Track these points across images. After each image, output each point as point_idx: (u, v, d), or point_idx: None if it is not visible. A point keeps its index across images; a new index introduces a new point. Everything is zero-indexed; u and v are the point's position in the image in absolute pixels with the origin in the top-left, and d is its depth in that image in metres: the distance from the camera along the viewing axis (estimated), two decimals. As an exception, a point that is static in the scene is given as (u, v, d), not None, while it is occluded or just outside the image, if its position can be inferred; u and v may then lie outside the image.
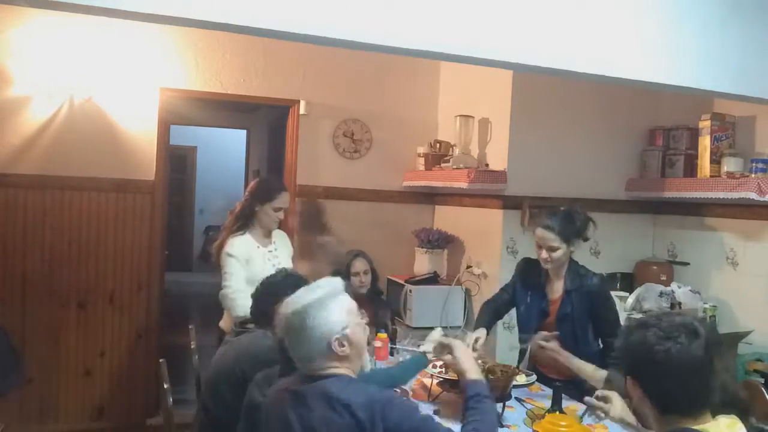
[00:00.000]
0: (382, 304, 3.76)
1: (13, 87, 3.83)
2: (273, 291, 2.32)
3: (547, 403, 2.45)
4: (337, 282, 1.85)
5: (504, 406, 2.35)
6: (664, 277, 3.93)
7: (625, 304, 3.68)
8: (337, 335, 1.76)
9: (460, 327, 4.07)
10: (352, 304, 1.84)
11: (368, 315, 3.73)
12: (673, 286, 3.77)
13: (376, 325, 3.30)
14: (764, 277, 3.48)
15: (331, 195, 4.49)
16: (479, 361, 2.70)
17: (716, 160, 3.57)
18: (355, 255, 3.63)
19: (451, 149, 4.37)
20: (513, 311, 3.04)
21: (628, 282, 4.03)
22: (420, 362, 2.47)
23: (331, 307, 1.78)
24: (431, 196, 4.72)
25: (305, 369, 1.80)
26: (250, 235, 3.21)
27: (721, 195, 3.42)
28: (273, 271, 2.56)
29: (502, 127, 3.93)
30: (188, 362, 3.28)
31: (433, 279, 4.24)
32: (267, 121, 6.28)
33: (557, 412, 2.33)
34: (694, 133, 3.78)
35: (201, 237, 10.26)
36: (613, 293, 3.11)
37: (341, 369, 1.78)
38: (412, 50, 2.17)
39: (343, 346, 1.76)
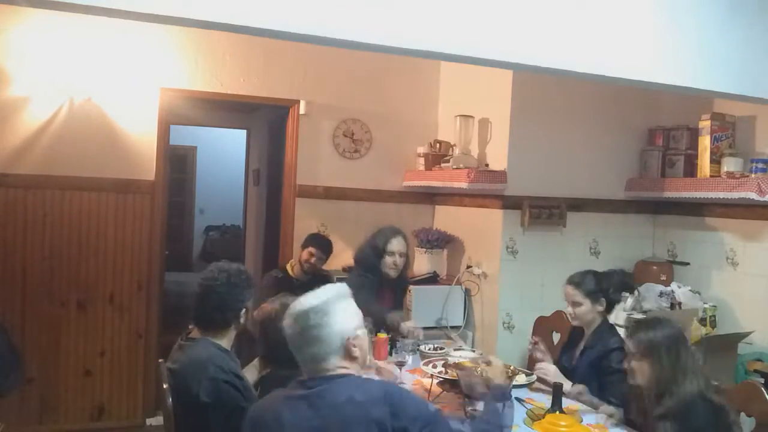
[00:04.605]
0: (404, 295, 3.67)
1: (13, 87, 3.83)
2: (222, 297, 2.31)
3: (547, 403, 2.46)
4: (345, 287, 1.87)
5: (504, 406, 2.35)
6: (664, 277, 3.94)
7: (624, 304, 3.67)
8: (351, 335, 1.78)
9: (459, 327, 4.07)
10: (359, 310, 1.87)
11: (391, 301, 3.61)
12: (673, 286, 3.77)
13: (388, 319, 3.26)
14: (764, 277, 3.48)
15: (331, 195, 4.49)
16: (479, 361, 2.71)
17: (716, 160, 3.57)
18: (396, 232, 3.27)
19: (451, 149, 4.37)
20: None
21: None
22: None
23: (347, 308, 1.82)
24: (431, 196, 4.72)
25: (313, 370, 1.78)
26: None
27: (721, 195, 3.42)
28: None
29: (502, 127, 3.93)
30: (188, 362, 3.26)
31: (433, 279, 4.24)
32: (267, 121, 6.26)
33: (557, 412, 2.33)
34: (694, 133, 3.78)
35: (201, 237, 10.25)
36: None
37: (351, 369, 1.79)
38: (412, 50, 2.17)
39: (355, 347, 1.78)
